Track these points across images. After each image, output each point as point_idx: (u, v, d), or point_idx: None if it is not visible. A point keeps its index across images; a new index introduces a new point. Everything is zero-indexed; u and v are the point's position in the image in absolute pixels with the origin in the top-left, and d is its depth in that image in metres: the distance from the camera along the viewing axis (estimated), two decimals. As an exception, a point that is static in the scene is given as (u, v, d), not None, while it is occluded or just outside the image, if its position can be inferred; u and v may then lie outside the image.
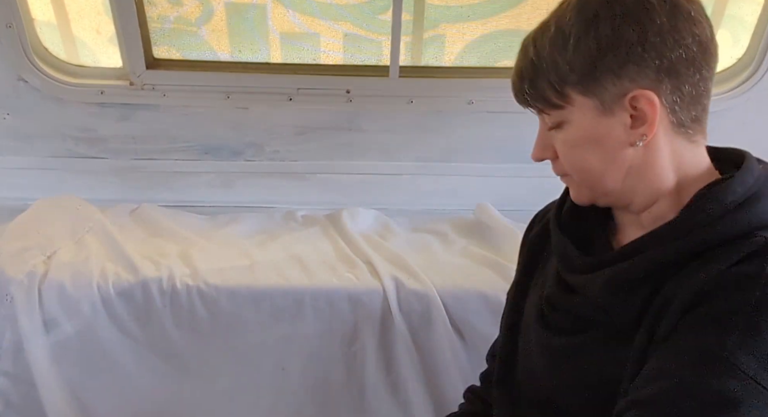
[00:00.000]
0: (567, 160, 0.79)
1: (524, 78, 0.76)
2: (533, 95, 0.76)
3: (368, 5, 1.56)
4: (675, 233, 0.72)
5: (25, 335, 1.36)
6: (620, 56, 0.70)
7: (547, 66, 0.73)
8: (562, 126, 0.76)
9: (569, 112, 0.74)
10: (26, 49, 1.52)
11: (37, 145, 1.68)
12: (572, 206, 0.87)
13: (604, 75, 0.71)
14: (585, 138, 0.75)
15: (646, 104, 0.71)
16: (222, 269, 1.43)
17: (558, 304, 0.85)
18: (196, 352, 1.43)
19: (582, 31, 0.70)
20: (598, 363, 0.79)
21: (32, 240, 1.46)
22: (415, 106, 1.63)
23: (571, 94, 0.73)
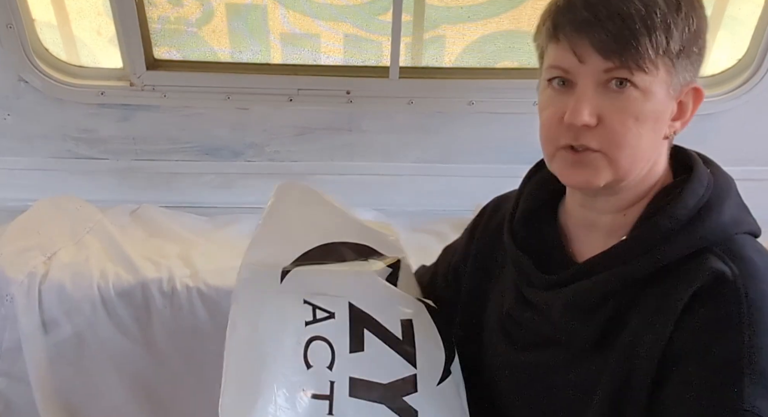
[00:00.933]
0: (618, 130, 0.69)
1: (625, 26, 0.66)
2: (629, 47, 0.66)
3: (368, 6, 1.57)
4: (633, 251, 0.71)
5: (25, 335, 1.36)
6: (699, 43, 0.69)
7: (659, 23, 0.66)
8: (631, 92, 0.68)
9: (649, 80, 0.67)
10: (26, 50, 1.52)
11: (38, 145, 1.68)
12: (523, 213, 0.85)
13: (691, 58, 0.69)
14: (649, 111, 0.69)
15: (693, 98, 0.71)
16: (222, 270, 1.43)
17: (520, 319, 0.83)
18: (196, 352, 1.43)
19: (689, 4, 0.68)
20: (565, 382, 0.78)
21: (32, 240, 1.46)
22: (415, 107, 1.63)
23: (662, 62, 0.67)
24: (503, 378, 0.86)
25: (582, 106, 0.69)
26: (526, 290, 0.81)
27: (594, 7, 0.67)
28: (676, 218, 0.70)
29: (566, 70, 0.71)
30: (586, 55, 0.68)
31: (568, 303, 0.75)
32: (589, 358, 0.75)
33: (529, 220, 0.85)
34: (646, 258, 0.70)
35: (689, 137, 0.83)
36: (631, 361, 0.70)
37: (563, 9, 0.70)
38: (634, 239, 0.72)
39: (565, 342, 0.77)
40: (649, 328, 0.69)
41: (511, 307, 0.84)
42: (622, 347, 0.71)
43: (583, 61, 0.69)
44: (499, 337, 0.87)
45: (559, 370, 0.78)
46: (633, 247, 0.72)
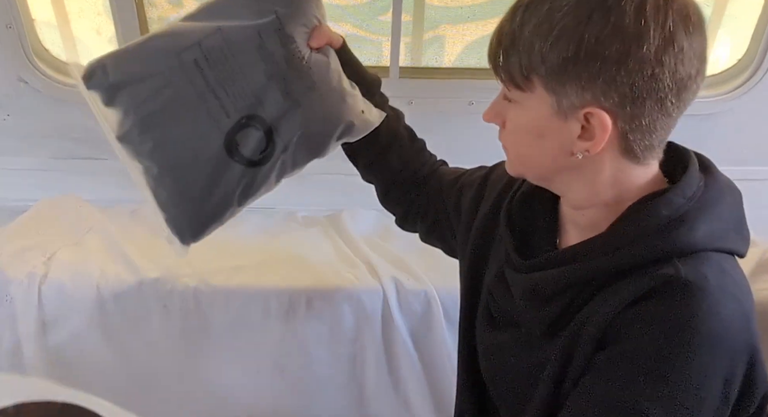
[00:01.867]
0: (510, 137, 0.79)
1: (501, 43, 0.72)
2: (502, 64, 0.73)
3: (368, 6, 1.57)
4: (599, 250, 0.72)
5: (25, 335, 1.36)
6: (593, 70, 0.65)
7: (523, 46, 0.69)
8: (519, 105, 0.75)
9: (527, 97, 0.72)
10: (26, 50, 1.52)
11: (38, 145, 1.68)
12: (523, 195, 0.87)
13: (571, 81, 0.67)
14: (532, 128, 0.74)
15: (598, 124, 0.68)
16: (222, 270, 1.43)
17: (495, 295, 0.87)
18: (196, 352, 1.44)
19: (569, 29, 0.65)
20: (519, 364, 0.81)
21: (32, 240, 1.46)
22: (415, 107, 1.63)
23: (535, 82, 0.70)
24: (481, 354, 0.92)
25: (489, 108, 0.82)
26: (506, 269, 0.84)
27: (501, 23, 0.73)
28: (643, 226, 0.70)
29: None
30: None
31: (528, 288, 0.78)
32: (540, 344, 0.78)
33: (525, 203, 0.87)
34: (609, 258, 0.71)
35: (689, 137, 0.83)
36: (573, 350, 0.73)
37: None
38: (602, 239, 0.73)
39: (523, 326, 0.81)
40: (593, 319, 0.71)
41: (492, 281, 0.88)
42: (568, 336, 0.74)
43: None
44: (483, 311, 0.91)
45: (515, 352, 0.82)
46: (600, 246, 0.73)
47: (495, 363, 0.87)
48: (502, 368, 0.85)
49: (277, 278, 1.42)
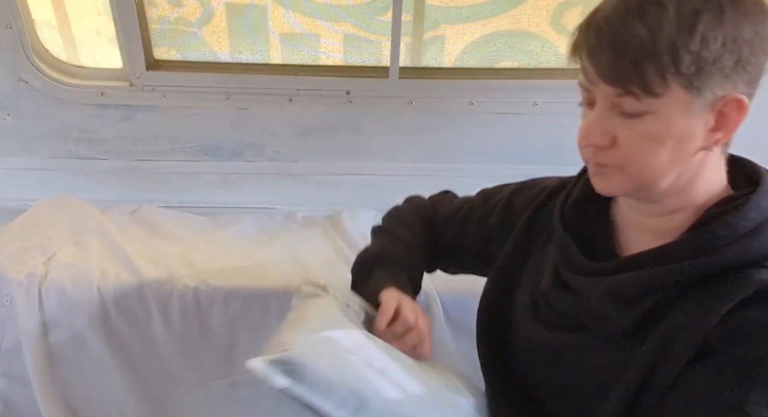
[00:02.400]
0: (634, 151, 0.70)
1: (626, 54, 0.66)
2: (631, 74, 0.66)
3: (368, 6, 1.57)
4: (683, 253, 0.72)
5: (25, 336, 1.36)
6: (734, 57, 0.66)
7: (663, 49, 0.64)
8: (644, 116, 0.68)
9: (660, 102, 0.67)
10: (26, 50, 1.52)
11: (38, 145, 1.68)
12: (577, 200, 0.86)
13: (716, 74, 0.66)
14: (667, 133, 0.68)
15: (735, 109, 0.69)
16: (222, 270, 1.43)
17: (554, 301, 0.84)
18: (196, 352, 1.43)
19: (709, 22, 0.64)
20: (590, 367, 0.79)
21: (32, 241, 1.46)
22: (415, 107, 1.63)
23: (672, 85, 0.66)
24: (530, 356, 0.88)
25: (593, 128, 0.71)
26: (566, 273, 0.82)
27: (601, 32, 0.67)
28: (733, 228, 0.70)
29: (587, 89, 0.72)
30: (595, 81, 0.70)
31: (609, 291, 0.75)
32: (617, 347, 0.76)
33: (580, 207, 0.86)
34: (697, 262, 0.70)
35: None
36: (661, 357, 0.71)
37: (583, 28, 0.70)
38: (688, 242, 0.72)
39: (597, 328, 0.78)
40: (686, 328, 0.70)
41: (547, 287, 0.85)
42: (654, 342, 0.72)
43: (595, 85, 0.70)
44: (531, 316, 0.88)
45: (585, 354, 0.80)
46: (685, 249, 0.72)
47: (557, 366, 0.84)
48: (568, 370, 0.82)
49: (277, 278, 1.42)
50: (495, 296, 0.96)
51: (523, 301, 0.92)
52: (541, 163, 1.71)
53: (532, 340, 0.88)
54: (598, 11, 0.69)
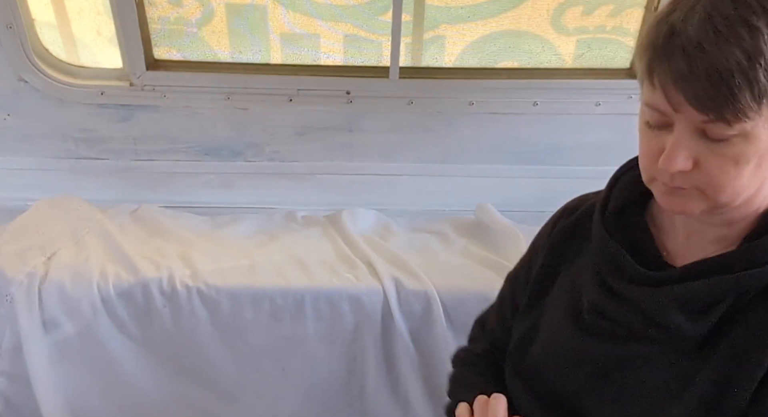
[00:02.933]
0: (718, 175, 0.68)
1: (723, 82, 0.62)
2: (727, 102, 0.62)
3: (368, 6, 1.57)
4: (754, 260, 0.70)
5: (25, 335, 1.36)
6: None
7: (762, 74, 0.61)
8: (732, 139, 0.65)
9: (750, 125, 0.64)
10: (26, 50, 1.52)
11: (38, 145, 1.68)
12: (617, 208, 0.84)
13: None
14: (753, 153, 0.66)
15: None
16: (222, 270, 1.43)
17: (606, 312, 0.81)
18: (196, 352, 1.44)
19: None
20: (651, 378, 0.77)
21: (32, 240, 1.46)
22: (415, 107, 1.63)
23: (764, 108, 0.63)
24: (572, 371, 0.84)
25: (677, 153, 0.67)
26: (616, 283, 0.80)
27: (691, 57, 0.63)
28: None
29: (663, 113, 0.69)
30: (681, 107, 0.66)
31: (678, 300, 0.73)
32: (683, 358, 0.74)
33: (620, 216, 0.84)
34: (764, 270, 0.69)
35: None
36: (734, 370, 0.70)
37: (660, 51, 0.66)
38: (753, 249, 0.71)
39: (662, 338, 0.76)
40: (757, 343, 0.69)
41: (597, 298, 0.82)
42: (729, 350, 0.71)
43: (679, 111, 0.66)
44: (571, 329, 0.85)
45: (643, 368, 0.77)
46: (750, 257, 0.71)
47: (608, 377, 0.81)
48: (622, 382, 0.79)
49: (277, 278, 1.42)
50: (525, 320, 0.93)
51: (556, 319, 0.89)
52: (541, 163, 1.71)
53: (576, 354, 0.84)
54: (677, 32, 0.65)
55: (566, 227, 0.93)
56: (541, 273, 0.93)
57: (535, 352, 0.90)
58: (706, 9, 0.63)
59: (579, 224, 0.91)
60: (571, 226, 0.92)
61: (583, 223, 0.90)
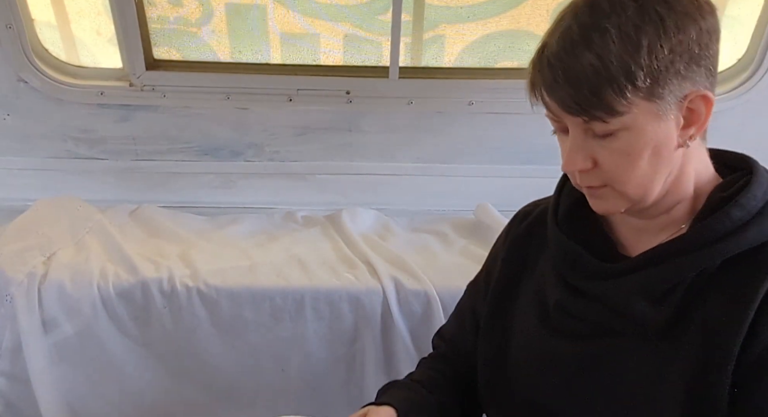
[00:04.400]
0: (615, 169, 0.73)
1: (582, 85, 0.68)
2: (592, 103, 0.68)
3: (368, 6, 1.57)
4: (700, 241, 0.72)
5: (25, 335, 1.36)
6: (685, 58, 0.68)
7: (616, 71, 0.67)
8: (617, 133, 0.70)
9: (629, 118, 0.69)
10: (26, 50, 1.52)
11: (37, 145, 1.68)
12: (568, 209, 0.86)
13: (672, 78, 0.68)
14: (643, 144, 0.71)
15: (702, 104, 0.71)
16: (222, 270, 1.43)
17: (573, 310, 0.82)
18: (196, 352, 1.44)
19: (653, 34, 0.66)
20: (626, 371, 0.77)
21: (32, 240, 1.46)
22: (414, 107, 1.63)
23: (633, 100, 0.68)
24: (549, 374, 0.85)
25: (573, 155, 0.74)
26: (577, 281, 0.82)
27: (553, 68, 0.70)
28: (746, 209, 0.71)
29: (555, 119, 0.75)
30: (559, 114, 0.72)
31: (636, 290, 0.75)
32: (655, 347, 0.75)
33: (572, 215, 0.86)
34: (718, 247, 0.71)
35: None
36: (709, 348, 0.71)
37: (535, 66, 0.74)
38: (703, 229, 0.72)
39: (629, 330, 0.77)
40: (726, 318, 0.70)
41: (562, 298, 0.84)
42: (696, 334, 0.72)
43: (561, 116, 0.72)
44: (542, 333, 0.86)
45: (618, 361, 0.78)
46: (702, 237, 0.72)
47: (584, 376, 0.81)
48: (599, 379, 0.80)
49: (277, 278, 1.42)
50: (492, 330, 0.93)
51: (525, 325, 0.89)
52: (541, 163, 1.71)
53: (550, 357, 0.85)
54: (546, 47, 0.72)
55: (521, 233, 0.94)
56: (502, 280, 0.94)
57: (509, 361, 0.90)
58: (568, 21, 0.70)
59: (533, 229, 0.93)
60: (525, 232, 0.94)
61: (537, 227, 0.92)
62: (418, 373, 1.03)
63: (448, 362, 1.04)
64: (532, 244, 0.92)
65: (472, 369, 0.98)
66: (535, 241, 0.92)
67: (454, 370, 1.02)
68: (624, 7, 0.67)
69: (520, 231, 0.94)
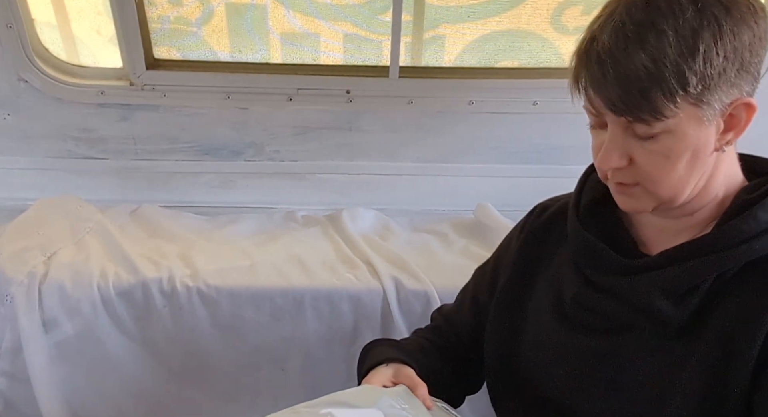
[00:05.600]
0: (652, 170, 0.72)
1: (632, 86, 0.67)
2: (640, 104, 0.67)
3: (368, 5, 1.57)
4: (726, 242, 0.72)
5: (25, 335, 1.36)
6: (737, 65, 0.67)
7: (669, 75, 0.65)
8: (658, 136, 0.70)
9: (673, 122, 0.68)
10: (26, 50, 1.52)
11: (38, 145, 1.68)
12: (589, 204, 0.85)
13: (722, 85, 0.67)
14: (683, 148, 0.70)
15: (745, 111, 0.70)
16: (222, 270, 1.43)
17: (589, 304, 0.82)
18: (196, 352, 1.43)
19: (709, 39, 0.65)
20: (641, 367, 0.77)
21: (32, 240, 1.46)
22: (415, 107, 1.63)
23: (682, 105, 0.67)
24: (562, 368, 0.85)
25: (610, 152, 0.72)
26: (596, 275, 0.81)
27: (603, 64, 0.68)
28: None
29: (595, 114, 0.73)
30: (603, 111, 0.71)
31: (658, 286, 0.75)
32: (671, 344, 0.75)
33: (593, 211, 0.85)
34: (742, 249, 0.71)
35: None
36: (726, 351, 0.71)
37: (582, 58, 0.71)
38: (728, 230, 0.72)
39: (648, 326, 0.77)
40: (745, 320, 0.70)
41: (579, 292, 0.83)
42: (714, 335, 0.72)
43: (604, 113, 0.71)
44: (556, 326, 0.86)
45: (632, 357, 0.78)
46: (727, 238, 0.72)
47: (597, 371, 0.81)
48: (613, 374, 0.80)
49: (277, 278, 1.42)
50: (502, 317, 0.94)
51: (542, 317, 0.89)
52: (541, 162, 1.71)
53: (564, 350, 0.85)
54: (596, 40, 0.69)
55: (538, 226, 0.94)
56: (515, 272, 0.94)
57: (522, 354, 0.90)
58: (621, 16, 0.67)
59: (551, 223, 0.93)
60: (543, 225, 0.94)
61: (556, 221, 0.92)
62: (409, 339, 1.05)
63: (440, 334, 1.05)
64: (549, 238, 0.92)
65: (461, 344, 1.01)
66: (553, 236, 0.91)
67: (445, 341, 1.03)
68: (682, 8, 0.66)
69: (538, 224, 0.94)
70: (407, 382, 0.89)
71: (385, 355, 0.95)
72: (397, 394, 0.86)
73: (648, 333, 0.77)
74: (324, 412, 0.82)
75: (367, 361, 0.96)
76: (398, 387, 0.89)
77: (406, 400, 0.86)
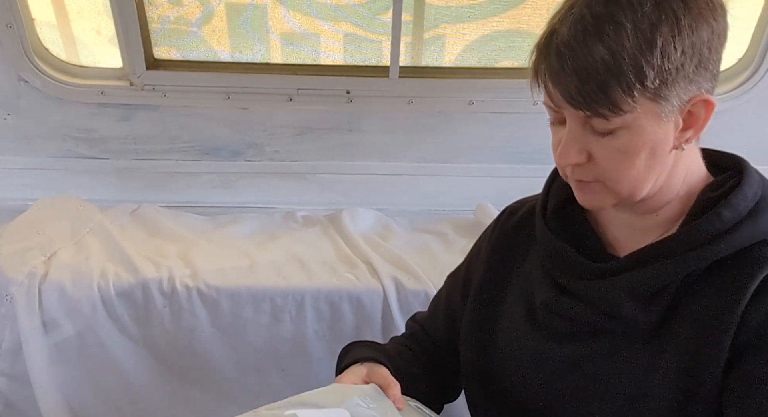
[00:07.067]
0: (610, 166, 0.72)
1: (590, 78, 0.66)
2: (598, 98, 0.67)
3: (368, 6, 1.57)
4: (690, 242, 0.72)
5: (25, 335, 1.36)
6: (695, 61, 0.67)
7: (627, 68, 0.65)
8: (616, 132, 0.69)
9: (630, 117, 0.68)
10: (26, 50, 1.52)
11: (38, 145, 1.68)
12: (556, 207, 0.85)
13: (680, 81, 0.67)
14: (641, 145, 0.69)
15: (703, 108, 0.70)
16: (222, 270, 1.43)
17: (559, 310, 0.81)
18: (196, 352, 1.44)
19: (668, 34, 0.65)
20: (612, 371, 0.77)
21: (32, 240, 1.46)
22: (415, 107, 1.63)
23: (640, 99, 0.67)
24: (536, 374, 0.84)
25: (569, 148, 0.72)
26: (565, 280, 0.81)
27: (562, 57, 0.67)
28: (737, 209, 0.71)
29: (554, 110, 0.73)
30: (561, 104, 0.70)
31: (625, 290, 0.74)
32: (643, 346, 0.75)
33: (560, 213, 0.85)
34: (708, 249, 0.71)
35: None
36: (695, 352, 0.71)
37: (541, 51, 0.71)
38: (693, 230, 0.72)
39: (617, 330, 0.77)
40: (712, 321, 0.70)
41: (549, 298, 0.82)
42: (683, 337, 0.72)
43: (561, 107, 0.71)
44: (529, 332, 0.86)
45: (606, 361, 0.78)
46: (692, 238, 0.72)
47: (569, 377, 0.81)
48: (589, 379, 0.79)
49: (277, 278, 1.42)
50: (475, 324, 0.93)
51: (513, 323, 0.89)
52: (541, 162, 1.71)
53: (538, 357, 0.84)
54: (555, 33, 0.69)
55: (508, 229, 0.94)
56: (487, 277, 0.93)
57: (497, 361, 0.90)
58: (581, 9, 0.67)
59: (521, 226, 0.92)
60: (513, 228, 0.93)
61: (525, 224, 0.91)
62: (387, 344, 1.04)
63: (416, 341, 1.05)
64: (519, 241, 0.91)
65: (438, 350, 1.01)
66: (523, 239, 0.91)
67: (422, 348, 1.03)
68: (641, 2, 0.66)
69: (507, 227, 0.94)
70: (380, 381, 0.88)
71: (360, 354, 0.94)
72: (366, 393, 0.85)
73: (619, 337, 0.77)
74: (288, 413, 0.81)
75: (344, 361, 0.96)
76: (368, 386, 0.88)
77: (374, 399, 0.85)
